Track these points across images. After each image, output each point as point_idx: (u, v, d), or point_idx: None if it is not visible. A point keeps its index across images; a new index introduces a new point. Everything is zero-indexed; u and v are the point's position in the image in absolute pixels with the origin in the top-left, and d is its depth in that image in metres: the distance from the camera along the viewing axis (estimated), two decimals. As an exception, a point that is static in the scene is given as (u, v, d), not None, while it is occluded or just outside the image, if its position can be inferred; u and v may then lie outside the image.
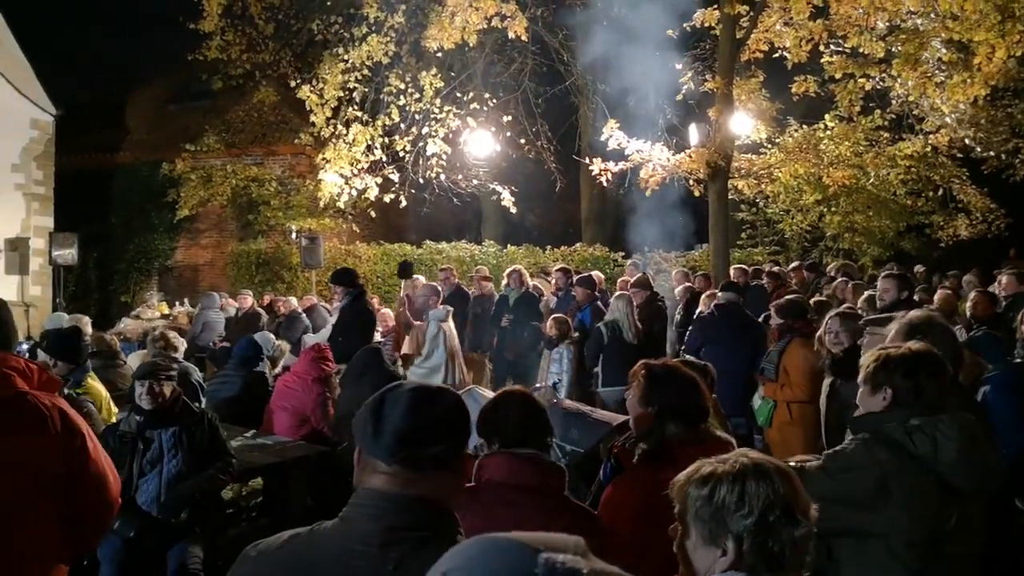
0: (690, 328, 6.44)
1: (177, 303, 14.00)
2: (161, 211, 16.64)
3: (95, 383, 4.23)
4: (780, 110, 12.45)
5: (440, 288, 8.49)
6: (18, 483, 2.13)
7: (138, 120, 18.35)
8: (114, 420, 4.05)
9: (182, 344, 5.55)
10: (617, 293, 7.21)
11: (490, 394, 4.65)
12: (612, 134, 9.37)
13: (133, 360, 6.97)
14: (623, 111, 11.44)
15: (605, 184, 9.98)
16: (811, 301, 6.16)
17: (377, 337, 7.87)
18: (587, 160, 9.93)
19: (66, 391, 3.84)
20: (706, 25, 10.00)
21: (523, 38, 10.03)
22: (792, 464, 1.98)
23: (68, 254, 13.47)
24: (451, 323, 7.68)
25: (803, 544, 1.35)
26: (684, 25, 10.38)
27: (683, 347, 6.32)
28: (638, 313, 6.64)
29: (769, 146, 11.68)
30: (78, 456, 2.25)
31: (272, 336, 6.46)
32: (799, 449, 4.76)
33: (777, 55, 10.15)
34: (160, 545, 3.63)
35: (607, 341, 6.27)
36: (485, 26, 9.72)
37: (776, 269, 9.00)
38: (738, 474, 1.37)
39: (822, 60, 9.96)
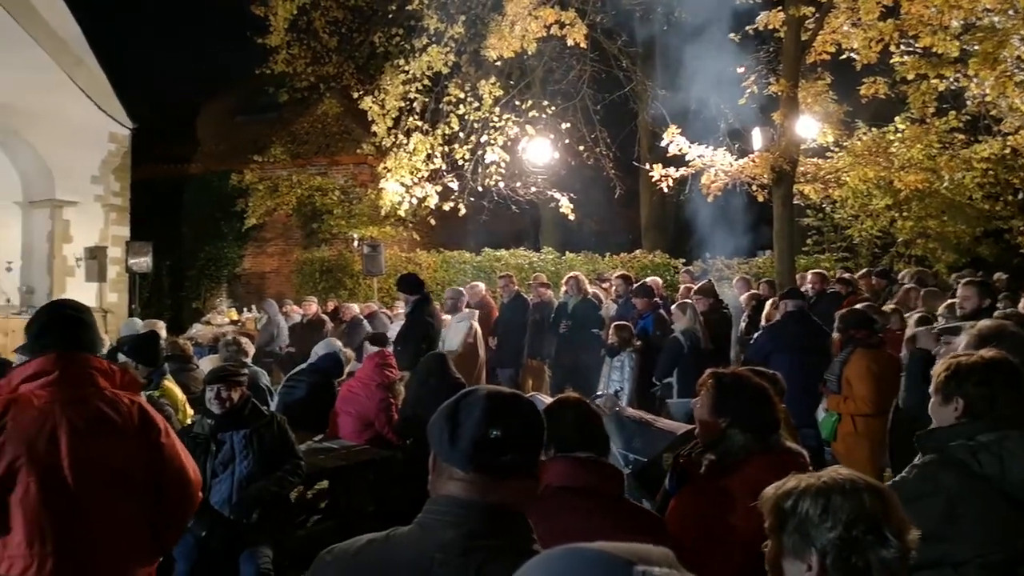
0: (756, 336, 6.29)
1: (245, 309, 14.41)
2: (230, 220, 17.21)
3: (172, 385, 4.39)
4: (848, 113, 12.10)
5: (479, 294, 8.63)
6: (102, 478, 2.22)
7: (208, 132, 19.02)
8: (189, 422, 4.19)
9: (252, 349, 5.71)
10: (681, 301, 7.10)
11: (549, 399, 4.64)
12: (673, 140, 9.25)
13: (205, 364, 7.21)
14: (684, 116, 11.32)
15: (666, 190, 9.86)
16: (882, 309, 5.95)
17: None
18: (648, 166, 9.82)
19: (145, 393, 3.98)
20: (770, 27, 9.80)
21: (582, 45, 10.01)
22: None
23: (143, 262, 14.02)
24: (476, 324, 7.97)
25: (894, 567, 1.29)
26: (747, 28, 10.20)
27: (749, 355, 6.18)
28: (704, 321, 6.53)
29: (836, 150, 11.37)
30: (158, 452, 2.34)
31: (338, 342, 6.58)
32: (865, 462, 4.61)
33: (845, 57, 9.88)
34: (232, 545, 3.73)
35: (686, 351, 6.16)
36: (544, 34, 9.75)
37: (847, 276, 8.72)
38: (824, 488, 1.34)
39: (892, 61, 9.64)
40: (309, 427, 5.17)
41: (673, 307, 7.20)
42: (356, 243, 15.94)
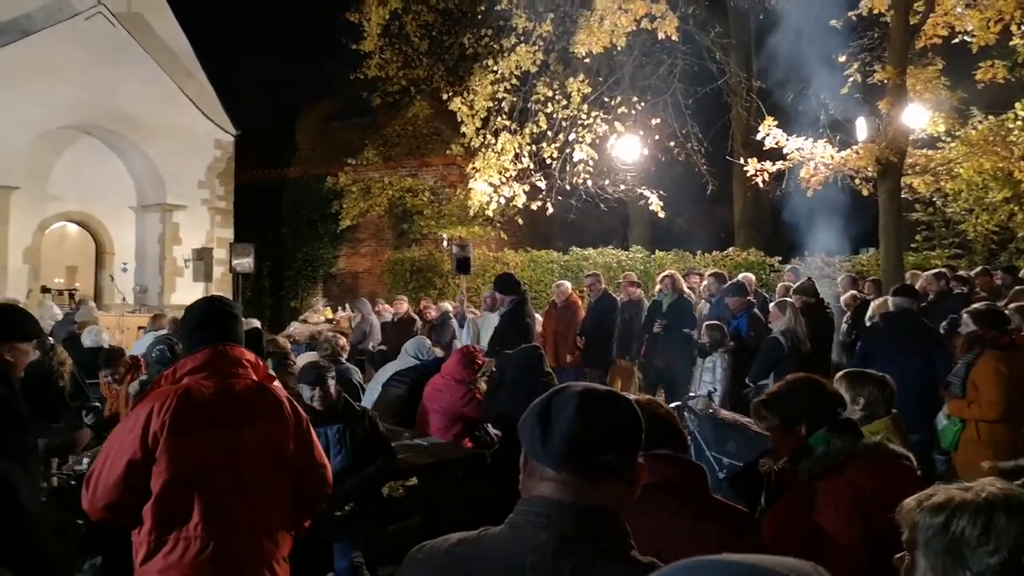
0: (860, 338, 5.96)
1: (339, 308, 14.86)
2: (326, 222, 17.81)
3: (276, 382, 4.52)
4: (962, 99, 11.32)
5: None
6: (265, 462, 2.37)
7: (305, 137, 19.75)
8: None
9: (347, 346, 5.85)
10: (779, 300, 6.81)
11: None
12: (770, 132, 8.89)
13: (302, 361, 7.45)
14: (781, 108, 10.89)
15: (761, 185, 9.50)
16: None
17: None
18: (742, 161, 9.49)
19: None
20: (875, 12, 9.29)
21: (673, 38, 9.77)
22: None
23: (246, 263, 14.68)
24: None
25: None
26: (849, 14, 9.71)
27: (853, 359, 5.87)
28: (804, 321, 6.23)
29: (948, 139, 10.66)
30: (306, 440, 2.50)
31: (427, 340, 6.67)
32: (987, 474, 4.27)
33: (958, 40, 9.25)
34: (327, 536, 3.81)
35: (787, 352, 5.91)
36: (634, 28, 9.58)
37: (963, 273, 8.14)
38: (984, 505, 1.19)
39: (1013, 43, 8.95)
40: (410, 424, 5.26)
41: (771, 306, 6.92)
42: (445, 243, 16.17)
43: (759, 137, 9.10)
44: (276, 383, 2.60)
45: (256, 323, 6.70)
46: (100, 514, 2.30)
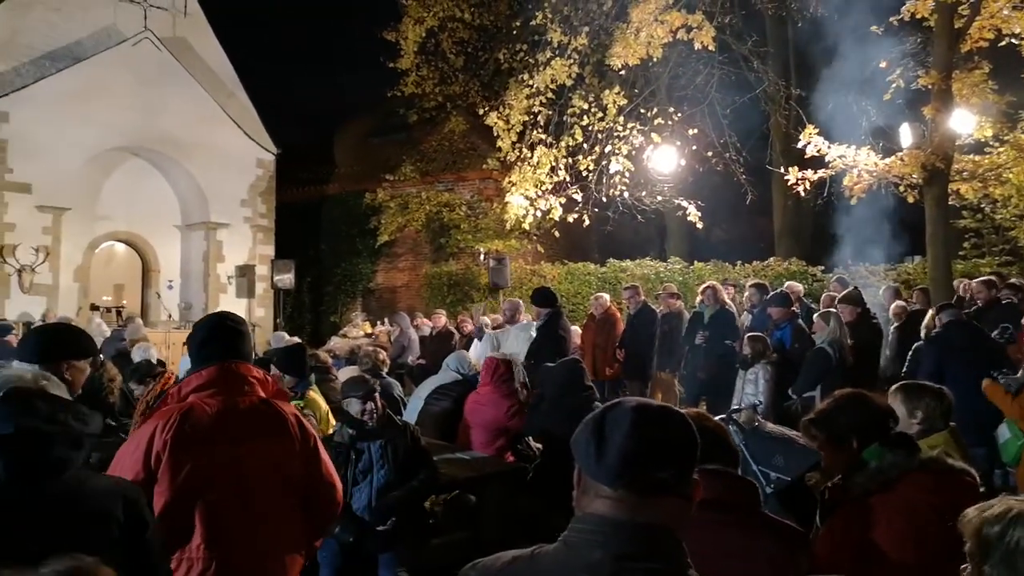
0: (918, 349, 5.82)
1: (378, 322, 14.99)
2: (364, 237, 18.02)
3: (316, 396, 4.59)
4: (1010, 103, 11.03)
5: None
6: (270, 481, 2.35)
7: (344, 154, 20.05)
8: (331, 431, 4.35)
9: (388, 361, 5.89)
10: (823, 310, 6.68)
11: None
12: (811, 140, 8.76)
13: (343, 375, 7.52)
14: (821, 116, 10.72)
15: (802, 194, 9.35)
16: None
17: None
18: (783, 170, 9.36)
19: (292, 403, 4.17)
20: (918, 16, 9.12)
21: (710, 48, 9.71)
22: None
23: (287, 279, 14.90)
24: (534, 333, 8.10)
25: None
26: (891, 19, 9.54)
27: (905, 370, 5.72)
28: (850, 332, 6.10)
29: (996, 144, 10.38)
30: (314, 457, 2.47)
31: (468, 354, 6.68)
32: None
33: (1004, 43, 9.02)
34: (371, 551, 3.83)
35: (834, 363, 5.79)
36: (670, 39, 9.54)
37: (1014, 281, 7.90)
38: None
39: (1063, 43, 8.70)
40: (453, 439, 5.26)
41: (815, 316, 6.79)
42: (482, 257, 16.24)
43: (800, 145, 8.97)
44: (313, 399, 2.58)
45: (297, 340, 6.78)
46: None
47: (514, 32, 14.31)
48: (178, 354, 10.86)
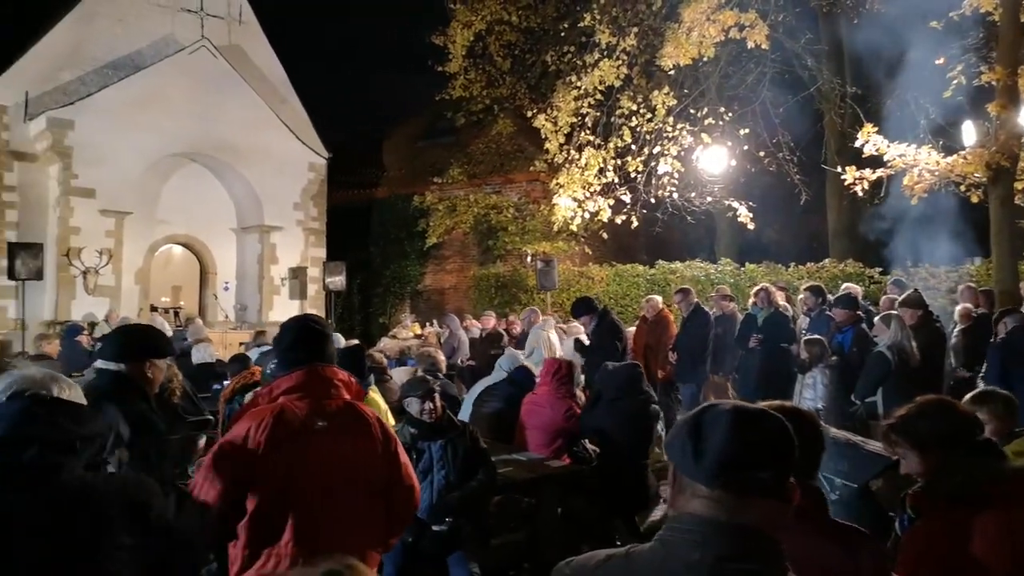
0: (988, 354, 5.66)
1: (428, 324, 15.14)
2: (412, 240, 18.23)
3: (376, 396, 4.66)
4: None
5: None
6: (354, 482, 2.41)
7: (393, 158, 20.33)
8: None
9: (444, 361, 5.96)
10: (883, 313, 6.53)
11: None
12: (869, 139, 8.56)
13: (397, 375, 7.64)
14: (878, 114, 10.49)
15: (860, 194, 9.15)
16: None
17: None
18: (839, 169, 9.17)
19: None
20: (981, 11, 8.83)
21: (763, 47, 9.57)
22: None
23: (338, 280, 15.17)
24: (553, 334, 8.39)
25: None
26: (951, 14, 9.26)
27: (979, 376, 5.57)
28: (912, 335, 5.95)
29: (1065, 141, 9.97)
30: (395, 459, 2.54)
31: (519, 354, 6.73)
32: None
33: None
34: (435, 552, 3.88)
35: (894, 367, 5.67)
36: (722, 38, 9.43)
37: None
38: None
39: None
40: (506, 439, 5.30)
41: (876, 319, 6.64)
42: (530, 259, 16.27)
43: (858, 144, 8.77)
44: (372, 399, 2.62)
45: (356, 342, 6.90)
46: None
47: (562, 34, 14.30)
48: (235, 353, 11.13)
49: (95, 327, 12.04)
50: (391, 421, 4.69)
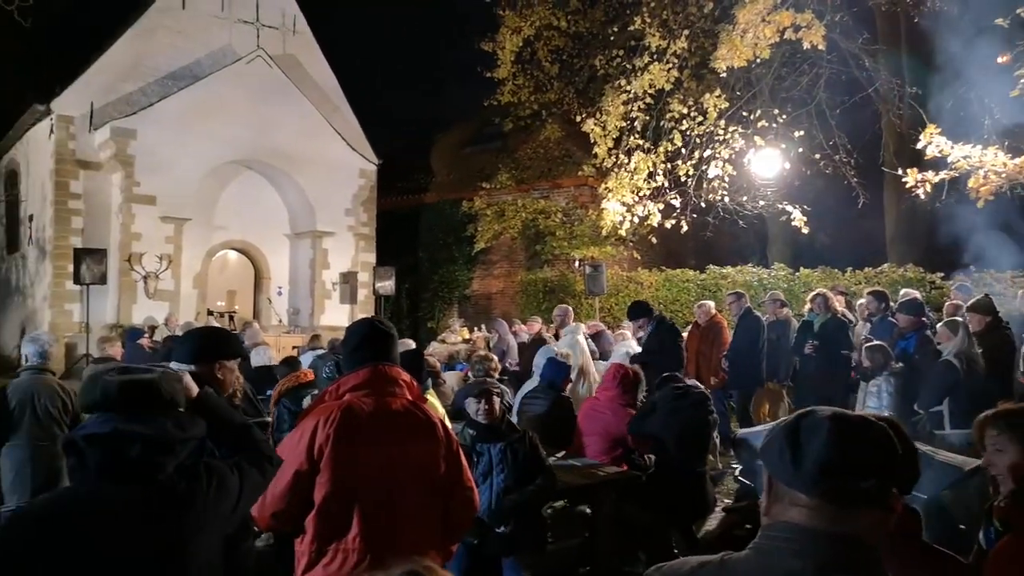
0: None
1: (475, 328, 15.20)
2: (460, 245, 18.36)
3: (433, 399, 4.70)
4: None
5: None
6: (417, 481, 2.44)
7: (441, 164, 20.51)
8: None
9: (499, 367, 5.99)
10: (948, 319, 6.33)
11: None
12: (931, 141, 8.32)
13: (449, 379, 7.70)
14: (939, 114, 10.17)
15: (922, 197, 8.89)
16: None
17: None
18: (900, 172, 8.93)
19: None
20: (1050, 6, 8.51)
21: (820, 47, 9.38)
22: None
23: (388, 285, 15.36)
24: (583, 339, 8.27)
25: None
26: (1018, 11, 8.95)
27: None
28: (978, 342, 5.76)
29: None
30: (455, 461, 2.56)
31: (554, 348, 6.73)
32: None
33: None
34: (490, 553, 3.89)
35: (961, 376, 5.49)
36: (777, 40, 9.28)
37: None
38: None
39: None
40: (551, 442, 5.29)
41: (939, 326, 6.45)
42: (577, 263, 16.22)
43: (920, 146, 8.53)
44: (431, 403, 2.65)
45: (412, 344, 6.98)
46: (268, 522, 2.41)
47: (610, 38, 14.26)
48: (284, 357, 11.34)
49: (155, 330, 12.42)
50: (449, 424, 4.73)
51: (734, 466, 7.28)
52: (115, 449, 1.76)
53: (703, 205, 12.70)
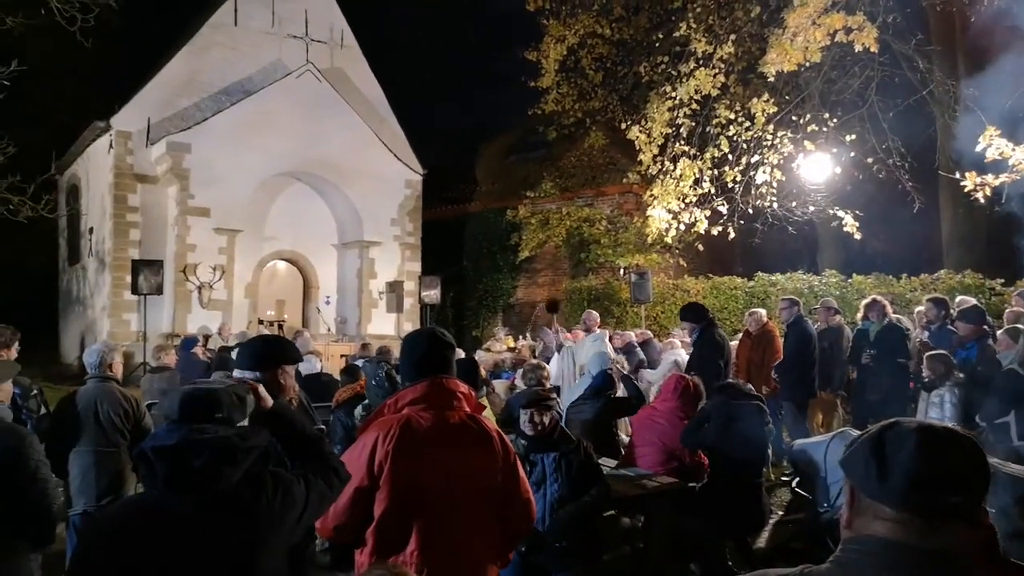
0: None
1: (520, 337, 15.22)
2: (505, 253, 18.43)
3: (487, 408, 4.74)
4: None
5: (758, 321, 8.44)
6: (475, 493, 2.44)
7: (485, 173, 20.64)
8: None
9: (550, 376, 6.00)
10: (1009, 327, 6.13)
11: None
12: (991, 143, 8.07)
13: (497, 387, 7.73)
14: (999, 116, 9.86)
15: (982, 200, 8.63)
16: None
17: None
18: (958, 175, 8.68)
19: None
20: (1116, 2, 8.21)
21: (872, 50, 9.18)
22: None
23: (433, 294, 15.48)
24: (608, 344, 8.32)
25: None
26: (1082, 6, 8.65)
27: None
28: (1044, 351, 5.55)
29: None
30: (513, 473, 2.55)
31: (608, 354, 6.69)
32: None
33: None
34: (546, 564, 3.88)
35: (1026, 385, 5.30)
36: (828, 43, 9.11)
37: None
38: None
39: None
40: (598, 450, 5.27)
41: (1000, 333, 6.25)
42: (622, 271, 16.13)
43: (979, 149, 8.28)
44: (486, 414, 2.65)
45: (467, 355, 7.02)
46: (330, 533, 2.44)
47: (655, 44, 14.17)
48: (336, 366, 11.52)
49: (208, 339, 12.73)
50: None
51: (785, 477, 7.14)
52: (180, 460, 1.82)
53: (751, 211, 12.51)
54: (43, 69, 14.62)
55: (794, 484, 5.66)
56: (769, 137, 11.64)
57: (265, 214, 16.65)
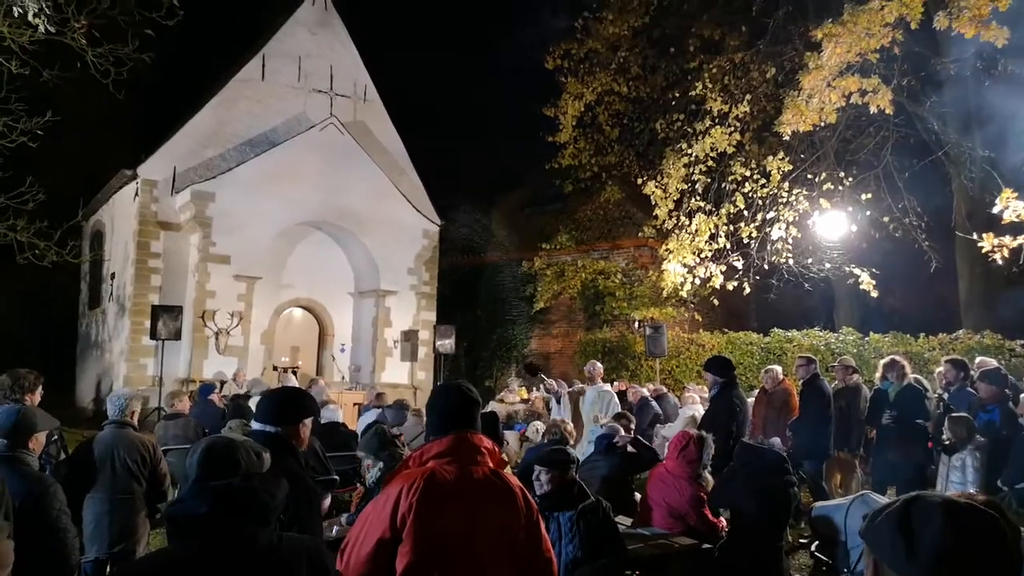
0: None
1: (534, 389, 15.15)
2: (519, 304, 18.48)
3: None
4: None
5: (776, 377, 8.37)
6: (498, 550, 2.43)
7: (501, 224, 20.85)
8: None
9: (574, 432, 5.98)
10: (1033, 390, 6.06)
11: (884, 500, 4.16)
12: (1008, 205, 8.11)
13: (509, 439, 7.68)
14: (1012, 177, 9.92)
15: (999, 262, 8.62)
16: None
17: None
18: (974, 235, 8.69)
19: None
20: None
21: (887, 112, 9.32)
22: None
23: (448, 344, 15.49)
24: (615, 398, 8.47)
25: None
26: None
27: None
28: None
29: None
30: (535, 530, 2.54)
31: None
32: None
33: None
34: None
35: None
36: (843, 104, 9.26)
37: None
38: None
39: None
40: (615, 508, 5.20)
41: (1022, 396, 6.18)
42: (637, 324, 16.11)
43: (996, 210, 8.32)
44: (504, 471, 2.64)
45: (489, 408, 7.01)
46: None
47: (671, 103, 14.44)
48: (349, 414, 11.51)
49: (223, 385, 12.77)
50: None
51: (803, 539, 6.99)
52: (214, 526, 1.83)
53: (766, 267, 12.54)
54: (74, 118, 15.06)
55: (813, 548, 5.55)
56: (784, 194, 11.74)
57: (284, 262, 16.86)
